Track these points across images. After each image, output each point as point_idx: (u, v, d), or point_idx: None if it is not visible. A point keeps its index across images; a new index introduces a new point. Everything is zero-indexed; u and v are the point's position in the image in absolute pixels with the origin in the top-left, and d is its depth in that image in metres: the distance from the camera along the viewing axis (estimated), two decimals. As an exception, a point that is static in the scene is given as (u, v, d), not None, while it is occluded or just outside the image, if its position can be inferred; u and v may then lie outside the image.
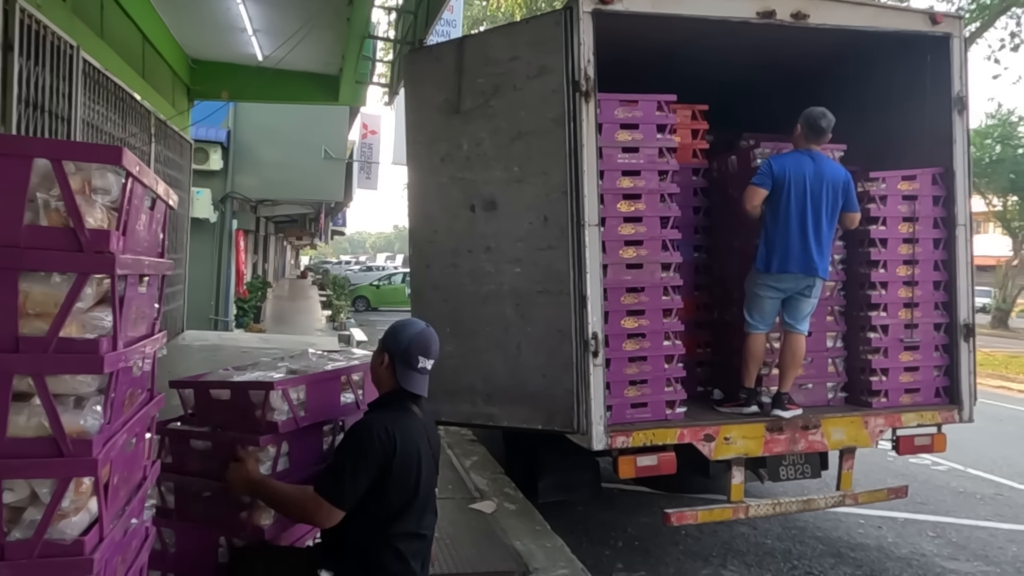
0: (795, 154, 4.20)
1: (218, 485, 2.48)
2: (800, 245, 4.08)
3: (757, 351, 4.28)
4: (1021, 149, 24.73)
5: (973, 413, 4.49)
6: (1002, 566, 4.79)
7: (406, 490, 2.36)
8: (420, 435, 2.45)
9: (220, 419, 2.60)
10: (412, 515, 2.39)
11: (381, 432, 2.32)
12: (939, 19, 4.38)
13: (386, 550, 2.35)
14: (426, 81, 4.44)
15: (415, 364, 2.43)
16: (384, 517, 2.35)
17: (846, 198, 4.17)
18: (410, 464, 2.37)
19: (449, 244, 4.28)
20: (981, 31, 18.22)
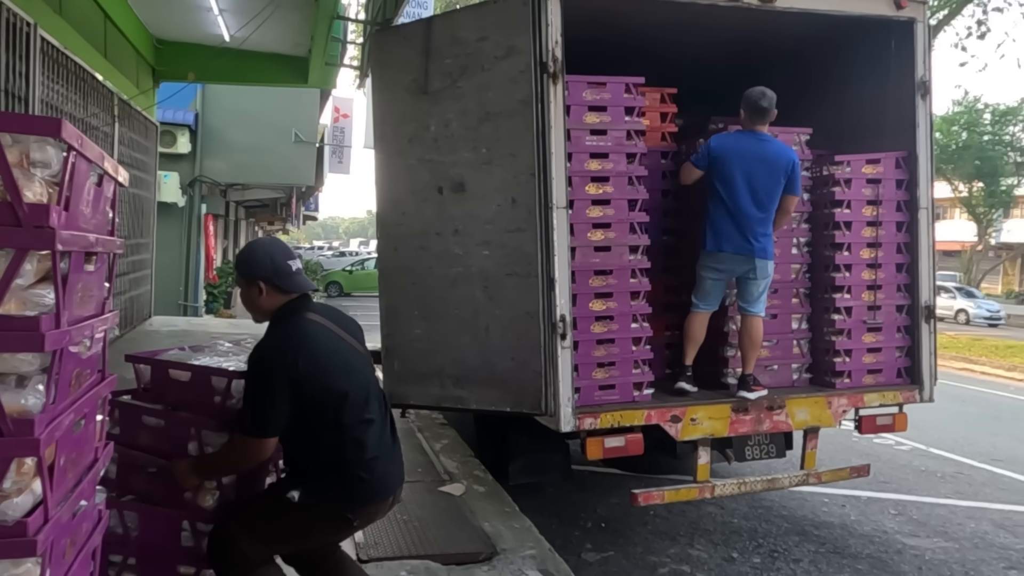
0: (738, 134, 4.24)
1: (165, 463, 2.48)
2: (738, 226, 4.11)
3: (693, 331, 4.32)
4: (986, 136, 25.17)
5: (933, 393, 4.58)
6: (960, 541, 4.91)
7: (335, 390, 2.36)
8: (326, 334, 2.45)
9: (176, 399, 2.58)
10: (356, 407, 2.40)
11: (274, 354, 2.32)
12: (903, 4, 4.41)
13: (344, 447, 2.38)
14: (393, 61, 4.38)
15: (288, 269, 2.44)
16: (329, 422, 2.36)
17: (788, 180, 4.16)
18: (325, 366, 2.37)
19: (417, 226, 4.25)
20: (949, 19, 18.45)
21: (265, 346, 2.38)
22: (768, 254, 4.15)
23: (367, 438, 2.42)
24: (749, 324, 4.24)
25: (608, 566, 4.35)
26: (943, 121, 25.50)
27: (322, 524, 2.45)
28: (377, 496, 2.47)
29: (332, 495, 2.39)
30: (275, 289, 2.43)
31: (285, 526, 2.42)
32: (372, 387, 2.53)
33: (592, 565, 4.35)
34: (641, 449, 4.05)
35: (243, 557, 2.40)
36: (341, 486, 2.39)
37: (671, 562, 4.43)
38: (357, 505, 2.43)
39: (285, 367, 2.29)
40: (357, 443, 2.39)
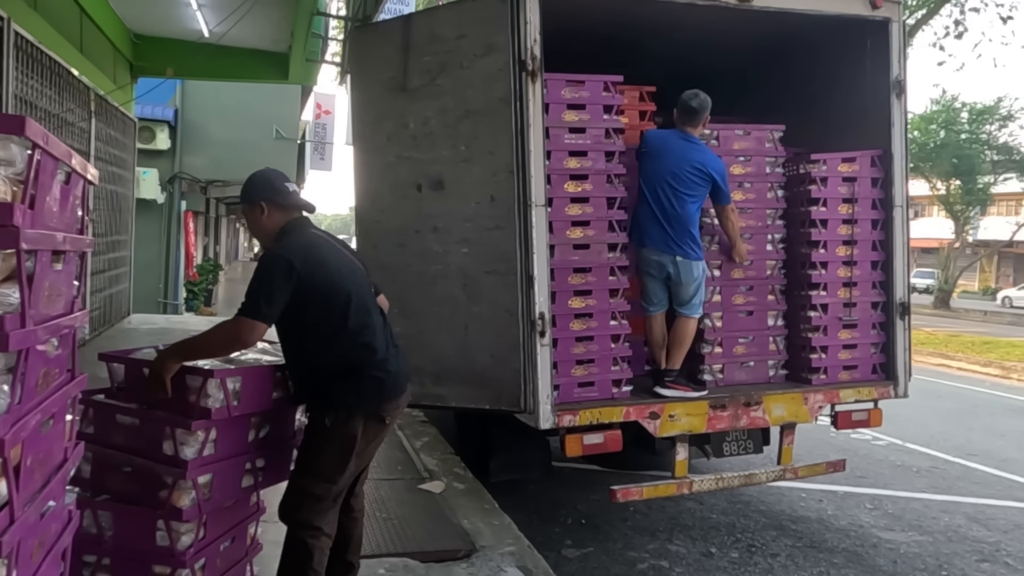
0: (668, 132, 4.31)
1: (140, 462, 2.46)
2: (654, 222, 4.16)
3: (650, 333, 4.36)
4: (964, 135, 25.45)
5: (908, 389, 4.64)
6: (934, 535, 4.98)
7: (341, 288, 2.59)
8: (328, 244, 2.69)
9: (149, 395, 2.56)
10: (360, 311, 2.62)
11: (282, 252, 2.55)
12: (879, 3, 4.46)
13: (354, 352, 2.60)
14: (372, 58, 4.37)
15: (287, 189, 2.70)
16: (336, 324, 2.57)
17: (714, 188, 4.16)
18: (330, 266, 2.60)
19: (396, 224, 4.25)
20: (927, 18, 18.65)
21: (275, 251, 2.58)
22: (690, 255, 4.14)
23: (375, 342, 2.64)
24: (678, 324, 4.29)
25: (588, 562, 4.37)
26: (921, 119, 25.76)
27: (361, 433, 2.61)
28: (396, 391, 2.71)
29: (356, 400, 2.59)
30: (275, 207, 2.66)
31: (334, 453, 2.59)
32: (371, 297, 2.76)
33: (572, 561, 4.37)
34: (620, 446, 4.08)
35: (315, 500, 2.59)
36: (361, 389, 2.60)
37: (650, 557, 4.46)
38: (381, 402, 2.65)
39: (291, 264, 2.50)
40: (366, 347, 2.62)
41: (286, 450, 2.95)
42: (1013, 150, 26.00)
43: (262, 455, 2.79)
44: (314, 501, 2.61)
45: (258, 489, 2.88)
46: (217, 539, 2.71)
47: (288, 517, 2.66)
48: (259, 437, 2.75)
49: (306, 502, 2.61)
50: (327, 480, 2.62)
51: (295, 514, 2.63)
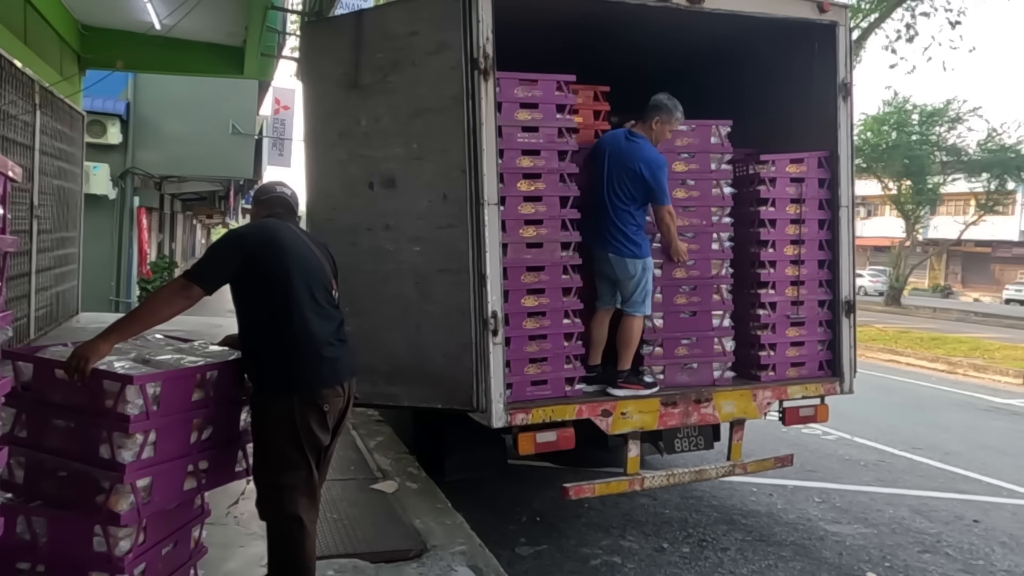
0: (618, 131, 4.37)
1: (76, 466, 2.41)
2: (593, 219, 4.20)
3: (590, 328, 4.36)
4: (914, 136, 26.11)
5: (853, 385, 4.75)
6: (879, 527, 5.12)
7: (290, 269, 2.68)
8: (293, 234, 2.85)
9: (61, 399, 2.49)
10: (308, 297, 2.71)
11: (240, 230, 2.89)
12: (826, 7, 4.55)
13: (292, 335, 2.67)
14: (324, 54, 4.32)
15: (274, 189, 3.06)
16: (282, 303, 2.66)
17: (645, 187, 4.16)
18: (285, 248, 2.72)
19: (348, 222, 4.21)
20: (879, 21, 19.08)
21: (238, 228, 2.91)
22: (624, 252, 4.15)
23: (315, 329, 2.71)
24: (621, 321, 4.32)
25: (542, 559, 4.40)
26: (874, 121, 26.38)
27: (300, 418, 2.64)
28: (332, 379, 2.74)
29: (290, 384, 2.65)
30: (260, 205, 3.01)
31: (284, 438, 2.64)
32: (324, 290, 2.82)
33: (526, 559, 4.38)
34: (573, 444, 4.10)
35: (289, 490, 2.64)
36: (295, 373, 2.66)
37: (603, 554, 4.50)
38: (315, 387, 2.69)
39: (243, 237, 2.76)
40: (306, 333, 2.68)
41: (231, 451, 2.90)
42: (961, 151, 26.75)
43: (205, 457, 2.73)
44: (288, 491, 2.65)
45: (202, 491, 2.83)
46: (158, 543, 2.66)
47: (266, 514, 2.73)
48: (202, 439, 2.70)
49: (280, 494, 2.66)
50: (291, 467, 2.66)
51: (273, 509, 2.69)
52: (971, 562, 4.61)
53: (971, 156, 26.52)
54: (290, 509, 2.65)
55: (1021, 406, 10.08)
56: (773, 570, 4.37)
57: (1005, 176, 26.38)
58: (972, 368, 12.87)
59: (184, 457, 2.62)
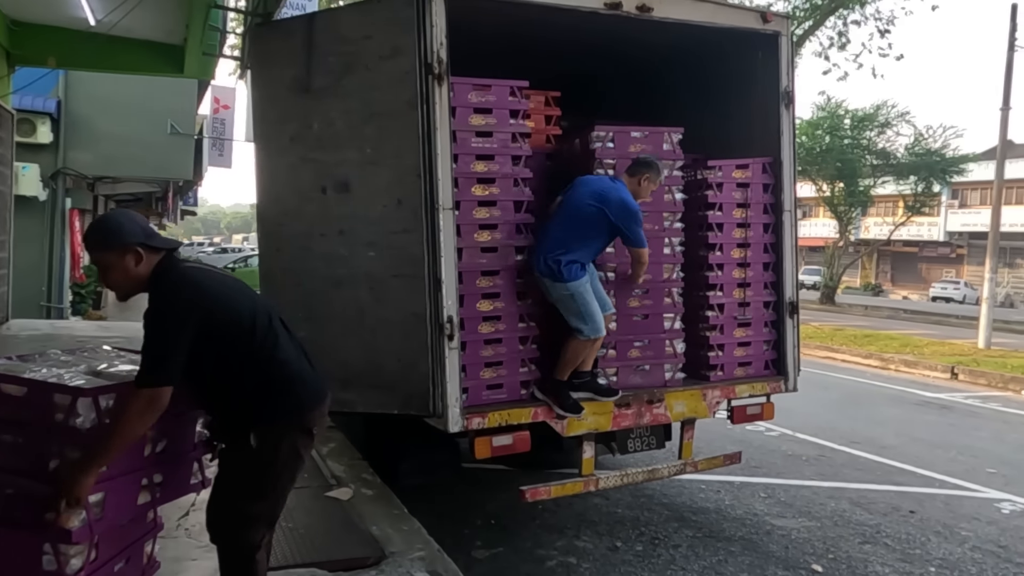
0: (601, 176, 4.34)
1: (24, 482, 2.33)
2: (540, 243, 4.14)
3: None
4: (847, 140, 27.04)
5: (797, 383, 4.92)
6: (822, 520, 5.30)
7: (244, 311, 2.50)
8: (209, 272, 2.61)
9: (6, 414, 2.40)
10: (264, 330, 2.54)
11: (175, 296, 2.39)
12: (769, 18, 4.71)
13: (269, 369, 2.51)
14: (275, 57, 4.26)
15: (153, 229, 2.56)
16: (245, 348, 2.48)
17: (614, 226, 4.11)
18: (225, 292, 2.50)
19: (301, 227, 4.16)
20: (813, 29, 19.73)
21: (161, 296, 2.39)
22: (555, 276, 4.02)
23: (287, 356, 2.58)
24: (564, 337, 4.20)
25: (497, 562, 4.42)
26: (809, 125, 27.23)
27: (289, 447, 2.55)
28: (317, 399, 2.66)
29: (279, 417, 2.53)
30: (151, 250, 2.47)
31: (264, 471, 2.52)
32: (270, 311, 2.65)
33: (482, 562, 4.40)
34: (528, 446, 4.14)
35: (252, 520, 2.54)
36: (282, 405, 2.53)
37: (558, 555, 4.55)
38: (304, 413, 2.59)
39: (191, 303, 2.38)
40: (278, 362, 2.54)
41: (186, 464, 2.84)
42: (890, 155, 27.84)
43: (160, 470, 2.67)
44: (251, 521, 2.56)
45: (156, 506, 2.76)
46: (110, 560, 2.59)
47: (225, 540, 2.60)
48: (156, 451, 2.63)
49: (243, 523, 2.55)
50: (261, 498, 2.57)
51: (232, 536, 2.58)
52: (908, 551, 4.81)
53: (899, 160, 27.63)
54: (249, 537, 2.57)
55: (949, 400, 10.56)
56: (723, 565, 4.49)
57: (931, 179, 27.58)
58: (903, 364, 13.41)
59: (138, 471, 2.55)
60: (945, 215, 38.52)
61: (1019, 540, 5.07)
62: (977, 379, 12.14)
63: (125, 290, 2.51)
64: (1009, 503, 5.84)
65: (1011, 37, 16.40)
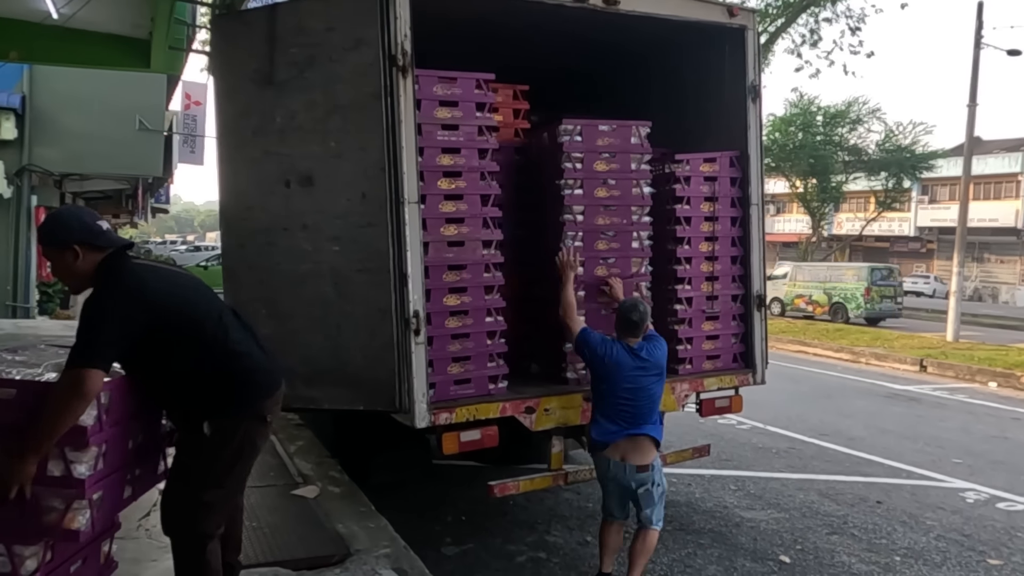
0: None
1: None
2: None
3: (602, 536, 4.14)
4: (819, 136, 27.33)
5: (765, 376, 4.94)
6: (790, 512, 5.34)
7: (197, 303, 2.57)
8: (160, 266, 2.70)
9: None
10: (216, 321, 2.59)
11: (127, 286, 2.40)
12: (735, 12, 4.71)
13: (224, 359, 2.56)
14: (236, 49, 4.18)
15: (99, 228, 2.50)
16: (199, 340, 2.52)
17: None
18: (177, 284, 2.57)
19: (263, 222, 4.09)
20: (785, 26, 19.90)
21: (101, 288, 2.39)
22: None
23: (242, 346, 2.62)
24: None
25: (467, 559, 4.40)
26: (782, 121, 27.48)
27: (244, 436, 2.61)
28: (272, 387, 2.71)
29: (237, 406, 2.58)
30: (91, 248, 2.46)
31: (221, 459, 2.56)
32: (220, 305, 2.72)
33: (451, 559, 4.38)
34: (497, 441, 4.11)
35: (207, 508, 2.56)
36: (240, 394, 2.59)
37: (529, 550, 4.54)
38: (260, 401, 2.64)
39: (141, 294, 2.39)
40: (236, 354, 2.60)
41: (154, 456, 2.87)
42: (862, 151, 28.19)
43: (139, 464, 2.70)
44: (207, 510, 2.58)
45: (134, 499, 2.77)
46: (66, 560, 2.54)
47: (179, 529, 2.61)
48: (136, 445, 2.65)
49: (199, 512, 2.57)
50: (217, 486, 2.60)
51: (188, 526, 2.59)
52: (875, 541, 4.86)
53: (871, 156, 27.98)
54: (203, 527, 2.59)
55: (918, 392, 10.71)
56: (692, 558, 4.50)
57: (902, 175, 27.96)
58: (874, 357, 13.59)
59: (125, 466, 2.57)
60: (915, 211, 39.07)
61: (982, 528, 5.15)
62: (945, 371, 12.34)
63: (71, 284, 2.55)
64: (973, 492, 5.93)
65: (977, 35, 16.64)
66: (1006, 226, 36.11)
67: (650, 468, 3.86)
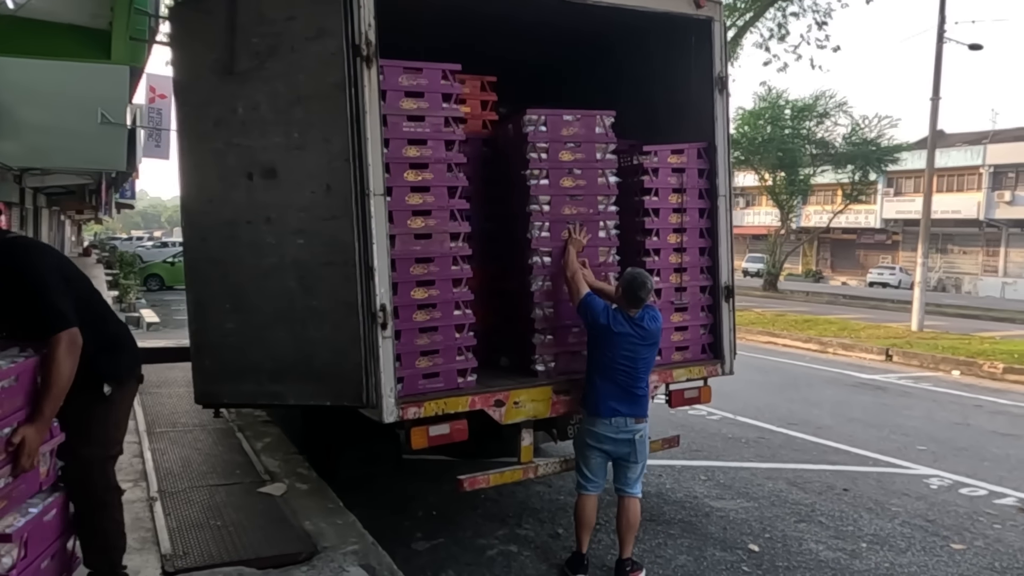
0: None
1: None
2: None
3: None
4: (787, 130, 27.60)
5: (733, 367, 4.97)
6: (759, 501, 5.39)
7: (82, 279, 2.96)
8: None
9: None
10: (96, 292, 3.07)
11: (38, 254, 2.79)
12: (702, 3, 4.71)
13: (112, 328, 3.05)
14: (195, 39, 4.09)
15: None
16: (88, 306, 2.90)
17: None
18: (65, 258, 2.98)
19: (226, 215, 4.00)
20: (753, 20, 20.06)
21: (25, 257, 2.71)
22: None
23: (118, 317, 3.16)
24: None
25: (438, 553, 4.37)
26: (751, 115, 27.71)
27: (128, 396, 3.08)
28: (139, 356, 3.18)
29: (126, 368, 3.03)
30: None
31: (118, 415, 3.00)
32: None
33: (422, 554, 4.35)
34: (466, 435, 4.09)
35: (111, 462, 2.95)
36: (126, 359, 3.07)
37: (500, 543, 4.53)
38: (137, 366, 3.14)
39: (56, 261, 2.83)
40: (118, 323, 3.15)
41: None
42: (829, 145, 28.54)
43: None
44: (110, 463, 2.97)
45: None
46: (38, 557, 2.60)
47: (88, 489, 2.87)
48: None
49: (104, 467, 2.93)
50: (116, 442, 3.01)
51: (97, 483, 2.89)
52: (842, 528, 4.93)
53: (838, 149, 28.34)
54: (112, 480, 2.96)
55: (884, 381, 10.89)
56: (663, 548, 4.52)
57: (867, 168, 28.36)
58: (841, 347, 13.79)
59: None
60: (881, 203, 39.74)
61: (945, 514, 5.24)
62: (910, 360, 12.55)
63: None
64: (937, 479, 6.03)
65: (940, 29, 16.92)
66: (968, 217, 36.91)
67: (646, 419, 4.11)
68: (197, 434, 5.56)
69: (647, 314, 4.09)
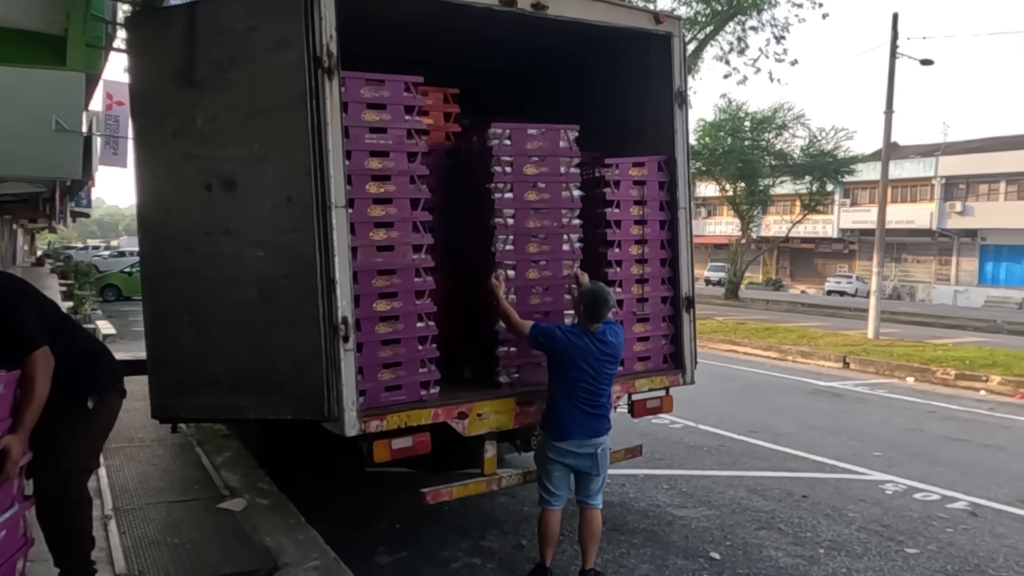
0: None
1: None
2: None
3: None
4: (747, 141, 28.11)
5: (694, 376, 5.03)
6: (720, 508, 5.46)
7: (49, 301, 3.11)
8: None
9: None
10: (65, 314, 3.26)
11: (9, 287, 2.89)
12: (662, 19, 4.80)
13: (89, 344, 3.23)
14: (153, 48, 4.03)
15: None
16: (63, 327, 3.06)
17: None
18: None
19: (184, 226, 3.94)
20: (713, 34, 20.47)
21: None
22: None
23: (87, 332, 3.36)
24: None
25: (401, 567, 4.34)
26: (712, 127, 28.17)
27: (110, 410, 3.20)
28: (120, 370, 3.33)
29: (108, 382, 3.17)
30: None
31: (99, 428, 3.14)
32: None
33: (385, 568, 4.32)
34: (429, 448, 4.07)
35: (85, 474, 3.09)
36: (109, 374, 3.21)
37: (464, 556, 4.51)
38: (119, 380, 3.27)
39: (26, 290, 2.94)
40: (95, 340, 3.34)
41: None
42: (787, 156, 29.12)
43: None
44: (85, 476, 3.09)
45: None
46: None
47: (62, 501, 2.95)
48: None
49: (80, 479, 3.04)
50: (95, 455, 3.16)
51: (71, 494, 2.98)
52: (800, 535, 5.01)
53: (796, 160, 28.93)
54: (85, 492, 3.06)
55: (841, 387, 11.11)
56: (625, 557, 4.55)
57: (825, 179, 28.99)
58: (800, 355, 14.04)
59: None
60: (838, 213, 40.63)
61: (900, 519, 5.37)
62: (866, 367, 12.84)
63: None
64: (892, 484, 6.17)
65: (893, 45, 17.40)
66: (922, 227, 37.92)
67: (607, 433, 4.14)
68: (154, 449, 5.45)
69: (608, 328, 4.10)
